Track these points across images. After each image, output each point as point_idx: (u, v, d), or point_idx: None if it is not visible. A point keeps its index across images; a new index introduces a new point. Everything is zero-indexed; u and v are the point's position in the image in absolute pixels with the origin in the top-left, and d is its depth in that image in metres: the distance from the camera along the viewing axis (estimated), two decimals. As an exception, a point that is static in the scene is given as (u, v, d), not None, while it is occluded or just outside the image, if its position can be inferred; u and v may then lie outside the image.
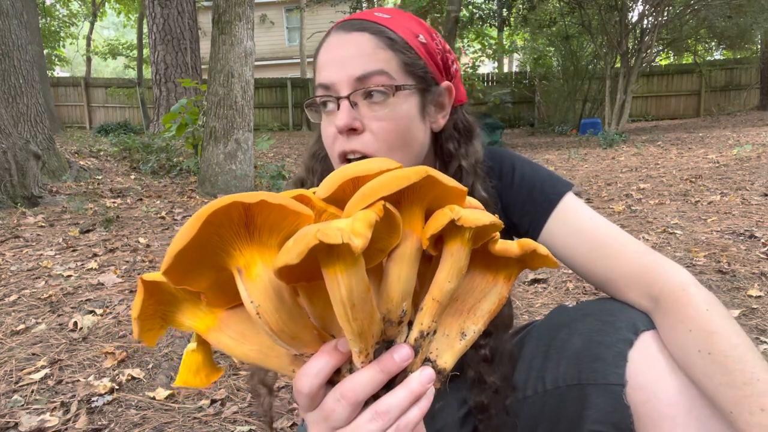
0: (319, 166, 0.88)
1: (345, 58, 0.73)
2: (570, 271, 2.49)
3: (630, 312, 0.70)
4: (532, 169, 0.86)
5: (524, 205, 0.83)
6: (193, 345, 0.42)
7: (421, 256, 0.41)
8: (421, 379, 0.40)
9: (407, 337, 0.42)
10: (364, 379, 0.38)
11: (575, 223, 0.78)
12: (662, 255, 0.73)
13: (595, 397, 0.67)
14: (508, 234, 0.87)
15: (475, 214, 0.39)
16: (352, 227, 0.32)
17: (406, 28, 0.77)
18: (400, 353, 0.39)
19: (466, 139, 0.84)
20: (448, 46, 0.83)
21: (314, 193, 0.40)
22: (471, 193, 0.80)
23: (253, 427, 1.43)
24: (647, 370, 0.64)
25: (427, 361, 0.43)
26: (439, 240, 0.42)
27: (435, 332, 0.43)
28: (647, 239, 2.95)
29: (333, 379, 0.40)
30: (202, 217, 0.32)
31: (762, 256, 2.48)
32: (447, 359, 0.43)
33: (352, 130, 0.73)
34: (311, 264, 0.33)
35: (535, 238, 0.82)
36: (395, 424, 0.38)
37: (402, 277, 0.39)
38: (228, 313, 0.40)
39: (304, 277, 0.37)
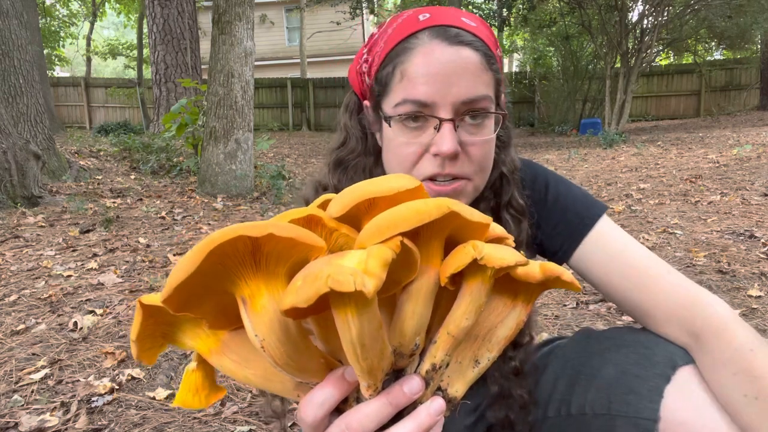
0: (345, 176, 0.81)
1: (450, 76, 0.66)
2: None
3: (668, 346, 0.68)
4: (566, 187, 0.83)
5: (557, 226, 0.80)
6: (193, 365, 0.41)
7: (437, 290, 0.39)
8: (431, 411, 0.38)
9: (418, 367, 0.40)
10: (371, 411, 0.37)
11: (610, 248, 0.75)
12: (700, 287, 0.70)
13: (623, 428, 0.65)
14: (536, 250, 0.84)
15: (499, 252, 0.37)
16: (366, 266, 0.30)
17: (490, 40, 0.72)
18: (411, 386, 0.38)
19: (505, 146, 0.81)
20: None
21: (321, 205, 0.39)
22: (510, 201, 0.78)
23: (253, 427, 1.43)
24: (686, 407, 0.61)
25: (438, 389, 0.41)
26: (458, 274, 0.40)
27: (448, 365, 0.41)
28: (647, 239, 2.95)
29: (339, 407, 0.39)
30: (206, 250, 0.30)
31: (762, 256, 2.48)
32: (459, 388, 0.42)
33: (453, 156, 0.68)
34: (320, 301, 0.32)
35: (565, 259, 0.80)
36: None
37: (417, 312, 0.38)
38: (230, 335, 0.39)
39: (312, 312, 0.36)
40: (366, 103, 0.79)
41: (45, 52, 16.09)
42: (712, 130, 10.18)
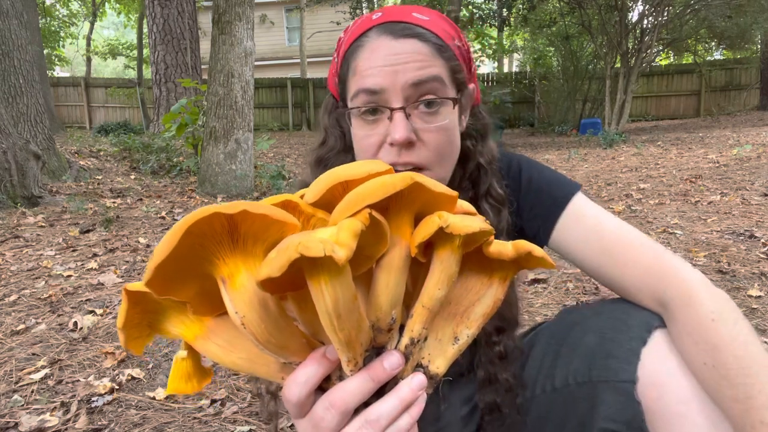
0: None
1: (396, 65, 0.68)
2: (570, 271, 2.49)
3: (644, 311, 0.70)
4: (538, 171, 0.85)
5: (532, 209, 0.82)
6: (183, 353, 0.41)
7: (410, 262, 0.40)
8: (412, 386, 0.39)
9: (398, 343, 0.41)
10: (353, 387, 0.38)
11: (584, 225, 0.77)
12: (673, 254, 0.72)
13: (606, 394, 0.67)
14: (517, 237, 0.86)
15: (464, 221, 0.38)
16: (336, 237, 0.31)
17: (445, 32, 0.74)
18: (390, 361, 0.39)
19: (482, 137, 0.84)
20: (469, 45, 0.82)
21: (302, 197, 0.39)
22: (488, 191, 0.80)
23: (253, 427, 1.43)
24: (660, 368, 0.64)
25: (419, 366, 0.42)
26: (429, 246, 0.41)
27: (426, 338, 0.42)
28: (647, 239, 2.95)
29: (323, 386, 0.40)
30: (183, 228, 0.31)
31: (762, 256, 2.48)
32: (440, 364, 0.42)
33: (408, 144, 0.70)
34: (296, 274, 0.33)
35: (544, 241, 0.82)
36: None
37: (390, 284, 0.39)
38: (215, 321, 0.39)
39: (290, 287, 0.37)
40: (340, 102, 0.82)
41: (45, 52, 16.10)
42: (712, 130, 10.18)
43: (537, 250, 0.42)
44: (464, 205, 0.44)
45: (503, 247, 0.42)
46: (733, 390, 0.58)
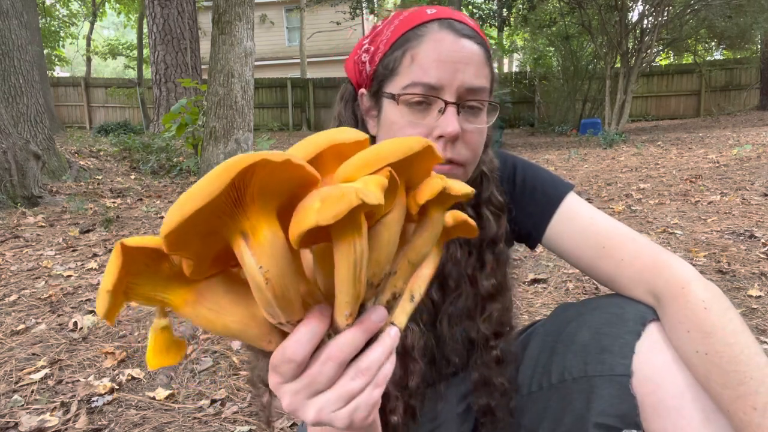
0: None
1: (458, 63, 0.70)
2: (570, 271, 2.49)
3: (638, 305, 0.71)
4: (532, 171, 0.87)
5: (526, 208, 0.84)
6: (163, 321, 0.39)
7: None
8: (392, 336, 0.42)
9: (376, 299, 0.43)
10: (348, 339, 0.39)
11: (578, 223, 0.79)
12: (665, 250, 0.73)
13: (601, 388, 0.67)
14: (511, 235, 0.87)
15: (458, 184, 0.42)
16: (367, 188, 0.32)
17: (487, 42, 0.77)
18: (378, 314, 0.41)
19: (485, 146, 0.85)
20: None
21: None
22: (490, 198, 0.82)
23: (253, 427, 1.43)
24: (654, 361, 0.65)
25: None
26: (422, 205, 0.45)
27: (402, 294, 0.45)
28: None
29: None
30: (227, 176, 0.28)
31: (762, 256, 2.48)
32: (402, 319, 0.45)
33: (454, 139, 0.72)
34: (317, 232, 0.33)
35: (539, 239, 0.83)
36: (374, 380, 0.40)
37: (390, 241, 0.40)
38: (206, 284, 0.38)
39: (313, 241, 0.37)
40: (362, 90, 0.81)
41: (45, 52, 16.10)
42: (712, 130, 10.18)
43: (461, 215, 0.47)
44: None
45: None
46: (725, 377, 0.59)
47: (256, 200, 0.33)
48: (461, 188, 0.42)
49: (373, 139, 0.82)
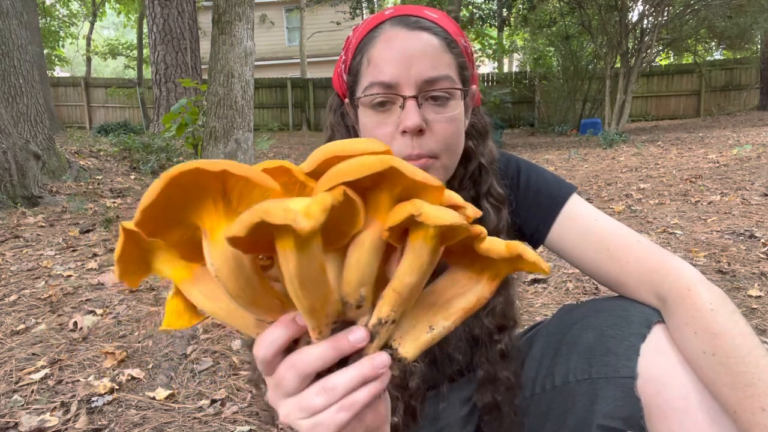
0: None
1: (411, 57, 0.70)
2: (570, 271, 2.49)
3: (644, 308, 0.71)
4: (536, 172, 0.87)
5: (530, 208, 0.84)
6: (171, 292, 0.43)
7: (385, 244, 0.41)
8: (374, 362, 0.40)
9: (367, 322, 0.42)
10: (315, 353, 0.39)
11: (581, 224, 0.79)
12: (669, 252, 0.73)
13: (605, 390, 0.67)
14: (515, 236, 0.87)
15: (439, 212, 0.37)
16: (307, 208, 0.32)
17: (454, 30, 0.76)
18: (355, 335, 0.40)
19: (482, 138, 0.85)
20: (472, 49, 0.84)
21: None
22: (489, 190, 0.82)
23: (253, 427, 1.43)
24: (659, 363, 0.64)
25: (388, 347, 0.43)
26: (405, 233, 0.41)
27: (394, 321, 0.43)
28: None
29: (291, 348, 0.41)
30: (167, 178, 0.33)
31: (762, 256, 2.48)
32: (409, 349, 0.43)
33: (418, 132, 0.71)
34: (268, 237, 0.34)
35: (542, 240, 0.83)
36: (340, 402, 0.39)
37: (361, 263, 0.39)
38: (203, 269, 0.41)
39: (264, 249, 0.37)
40: (346, 100, 0.83)
41: (45, 52, 16.09)
42: (712, 130, 10.18)
43: (529, 254, 0.41)
44: (453, 196, 0.43)
45: (495, 246, 0.42)
46: (733, 378, 0.58)
47: (220, 203, 0.36)
48: (438, 218, 0.37)
49: None
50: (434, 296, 0.45)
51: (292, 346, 0.41)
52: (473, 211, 0.42)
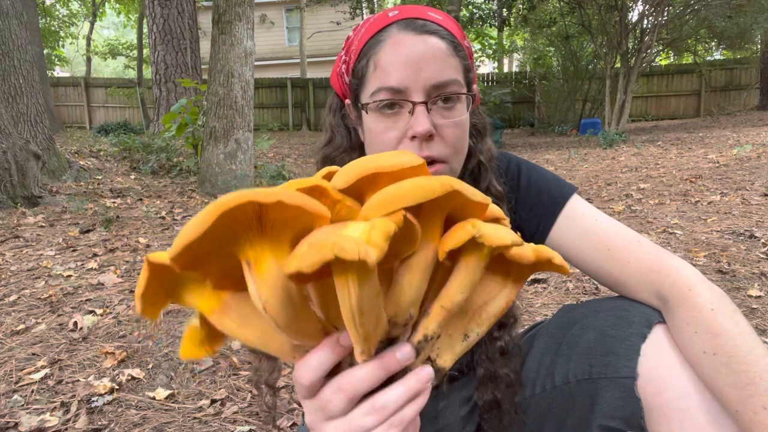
0: None
1: (419, 62, 0.70)
2: (570, 271, 2.49)
3: (644, 308, 0.71)
4: (537, 172, 0.87)
5: (531, 208, 0.84)
6: (196, 322, 0.42)
7: (435, 264, 0.40)
8: (420, 377, 0.40)
9: (410, 336, 0.42)
10: (363, 374, 0.39)
11: (582, 225, 0.79)
12: (670, 252, 0.73)
13: (606, 391, 0.67)
14: (513, 229, 0.87)
15: (498, 232, 0.38)
16: (369, 237, 0.31)
17: (457, 32, 0.76)
18: (403, 353, 0.40)
19: (482, 136, 0.86)
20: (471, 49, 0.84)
21: (325, 177, 0.40)
22: (488, 188, 0.82)
23: (253, 427, 1.43)
24: (660, 363, 0.64)
25: (427, 359, 0.43)
26: (455, 250, 0.41)
27: (439, 336, 0.43)
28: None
29: (333, 370, 0.40)
30: (216, 213, 0.31)
31: (762, 256, 2.48)
32: (447, 359, 0.43)
33: (428, 137, 0.71)
34: (323, 268, 0.33)
35: (542, 240, 0.83)
36: (389, 420, 0.39)
37: (414, 285, 0.39)
38: (232, 296, 0.40)
39: (314, 279, 0.37)
40: (347, 101, 0.83)
41: (45, 52, 16.09)
42: (712, 130, 10.18)
43: (557, 258, 0.42)
44: (494, 210, 0.43)
45: (524, 252, 0.42)
46: (734, 377, 0.58)
47: (265, 232, 0.34)
48: (499, 238, 0.37)
49: (362, 146, 0.83)
50: (466, 304, 0.45)
51: (334, 368, 0.40)
52: (509, 222, 0.43)
